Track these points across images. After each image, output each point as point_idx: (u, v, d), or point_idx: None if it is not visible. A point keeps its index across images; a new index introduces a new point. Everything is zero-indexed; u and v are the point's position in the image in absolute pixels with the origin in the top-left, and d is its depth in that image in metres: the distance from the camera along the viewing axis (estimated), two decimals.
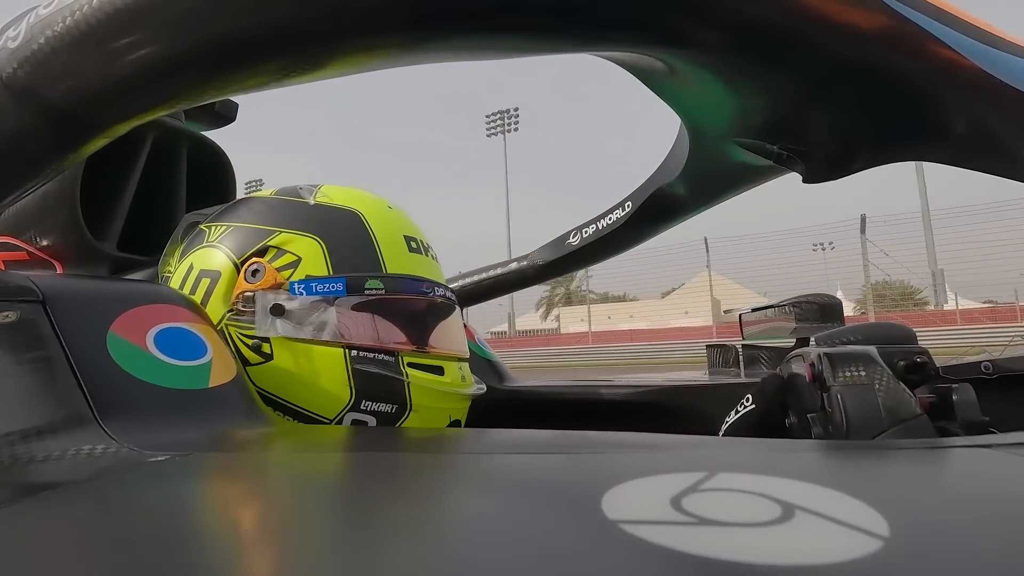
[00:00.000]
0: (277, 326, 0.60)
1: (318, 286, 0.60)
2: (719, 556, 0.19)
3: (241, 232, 0.64)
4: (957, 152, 0.46)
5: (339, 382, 0.60)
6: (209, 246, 0.64)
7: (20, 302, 0.45)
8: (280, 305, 0.60)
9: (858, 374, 0.52)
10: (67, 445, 0.38)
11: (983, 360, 0.72)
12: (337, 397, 0.60)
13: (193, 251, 0.65)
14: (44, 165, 0.45)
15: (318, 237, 0.62)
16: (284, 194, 0.68)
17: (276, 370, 0.60)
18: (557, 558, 0.20)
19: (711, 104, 0.56)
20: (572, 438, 0.41)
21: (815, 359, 0.57)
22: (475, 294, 1.29)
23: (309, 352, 0.60)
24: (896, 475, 0.30)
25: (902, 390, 0.51)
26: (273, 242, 0.62)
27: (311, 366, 0.60)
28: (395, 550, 0.22)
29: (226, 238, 0.64)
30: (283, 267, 0.61)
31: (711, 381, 1.02)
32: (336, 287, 0.61)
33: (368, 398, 0.61)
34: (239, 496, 0.32)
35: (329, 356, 0.60)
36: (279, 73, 0.38)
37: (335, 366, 0.60)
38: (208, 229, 0.66)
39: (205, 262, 0.63)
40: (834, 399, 0.52)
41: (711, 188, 0.86)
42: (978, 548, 0.20)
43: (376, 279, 0.62)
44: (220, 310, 0.61)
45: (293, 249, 0.62)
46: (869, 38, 0.38)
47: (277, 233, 0.63)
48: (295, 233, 0.63)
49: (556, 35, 0.39)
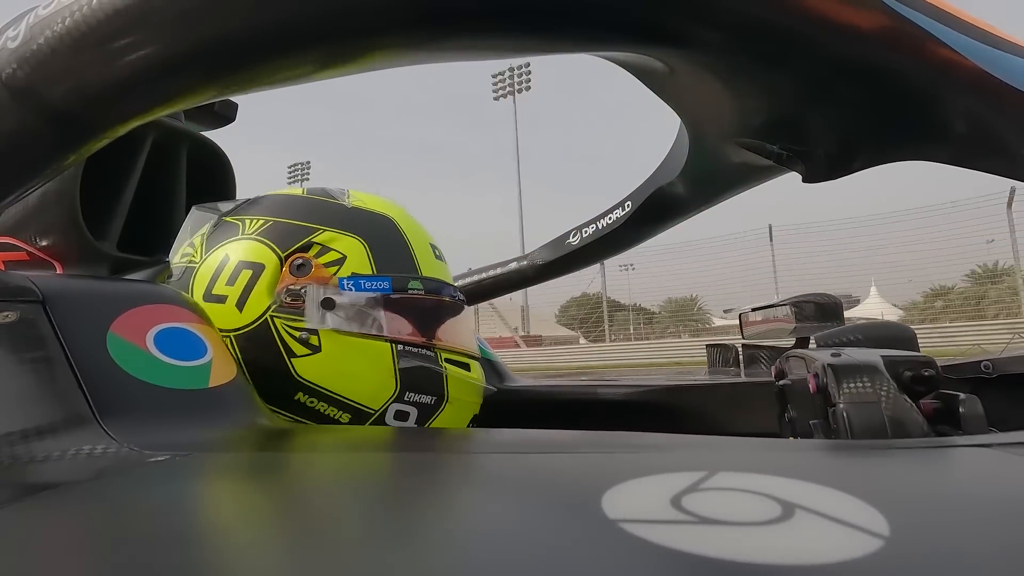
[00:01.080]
0: (327, 319, 0.62)
1: (366, 283, 0.64)
2: (719, 555, 0.19)
3: (283, 227, 0.66)
4: (957, 152, 0.46)
5: (386, 374, 0.63)
6: (248, 238, 0.65)
7: (20, 302, 0.45)
8: (331, 299, 0.62)
9: (864, 388, 0.51)
10: (67, 445, 0.38)
11: (983, 360, 0.72)
12: (383, 389, 0.63)
13: (226, 242, 0.66)
14: (44, 165, 0.45)
15: (361, 238, 0.66)
16: (318, 194, 0.70)
17: (324, 362, 0.62)
18: (557, 557, 0.20)
19: (711, 104, 0.56)
20: (572, 438, 0.41)
21: (820, 370, 0.56)
22: (475, 294, 1.29)
23: (357, 345, 0.63)
24: (896, 475, 0.30)
25: (909, 408, 0.51)
26: (318, 239, 0.65)
27: (359, 359, 0.63)
28: (395, 549, 0.22)
29: (267, 232, 0.65)
30: (328, 263, 0.64)
31: (711, 381, 1.02)
32: (383, 285, 0.64)
33: (412, 390, 0.64)
34: (239, 496, 0.32)
35: (376, 349, 0.63)
36: (279, 73, 0.38)
37: (382, 359, 0.63)
38: (242, 222, 0.67)
39: (246, 254, 0.64)
40: (840, 417, 0.51)
41: (711, 188, 0.86)
42: (978, 548, 0.20)
43: (416, 280, 0.67)
44: (264, 302, 0.62)
45: (338, 247, 0.65)
46: (869, 38, 0.38)
47: (321, 231, 0.65)
48: (339, 232, 0.65)
49: (556, 35, 0.39)
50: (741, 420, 0.92)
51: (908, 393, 0.54)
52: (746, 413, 0.92)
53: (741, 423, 0.91)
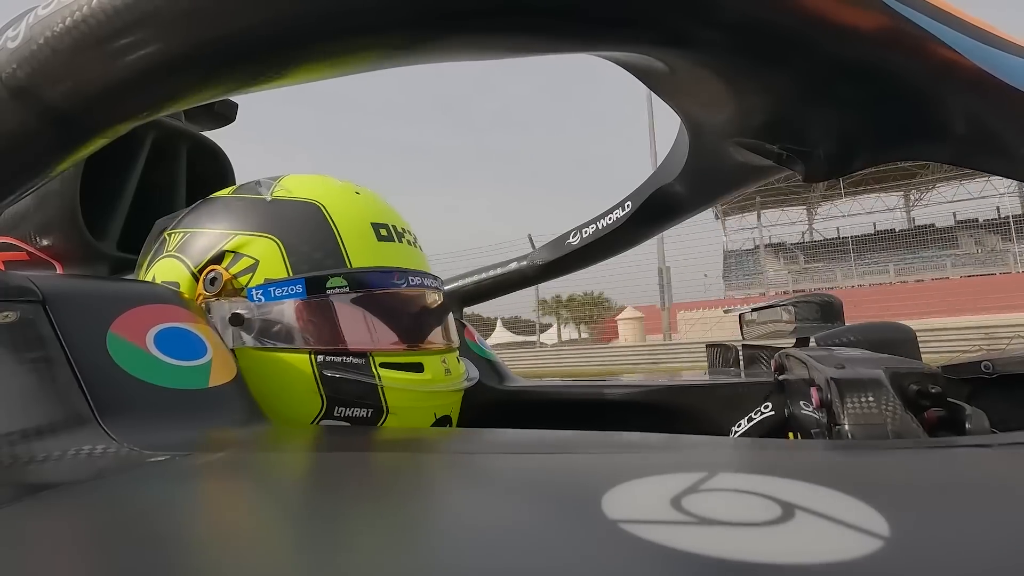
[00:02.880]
0: (237, 337, 0.57)
1: (276, 290, 0.57)
2: (719, 556, 0.19)
3: (197, 238, 0.61)
4: (957, 151, 0.46)
5: (308, 390, 0.57)
6: (168, 256, 0.63)
7: (20, 302, 0.45)
8: (239, 314, 0.57)
9: (868, 406, 0.50)
10: (67, 445, 0.38)
11: (983, 360, 0.72)
12: (308, 405, 0.57)
13: (156, 262, 0.64)
14: (44, 165, 0.45)
15: (274, 236, 0.59)
16: (243, 192, 0.65)
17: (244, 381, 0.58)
18: (557, 558, 0.20)
19: (711, 104, 0.56)
20: (572, 438, 0.41)
21: (823, 384, 0.56)
22: (475, 294, 1.29)
23: (275, 361, 0.57)
24: (896, 475, 0.30)
25: (915, 429, 0.50)
26: (229, 246, 0.59)
27: (278, 375, 0.57)
28: (395, 549, 0.22)
29: (183, 246, 0.62)
30: (241, 272, 0.59)
31: (711, 381, 1.02)
32: (295, 289, 0.57)
33: (340, 404, 0.58)
34: (239, 496, 0.32)
35: (295, 363, 0.57)
36: (280, 73, 0.38)
37: (302, 373, 0.57)
38: (168, 237, 0.64)
39: (165, 273, 0.62)
40: (844, 437, 0.51)
41: (711, 188, 0.86)
42: (978, 548, 0.20)
43: (338, 276, 0.58)
44: None
45: (250, 252, 0.59)
46: (869, 38, 0.38)
47: (233, 236, 0.60)
48: (251, 234, 0.59)
49: (556, 35, 0.39)
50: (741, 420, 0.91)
51: (912, 407, 0.53)
52: (746, 413, 0.92)
53: None
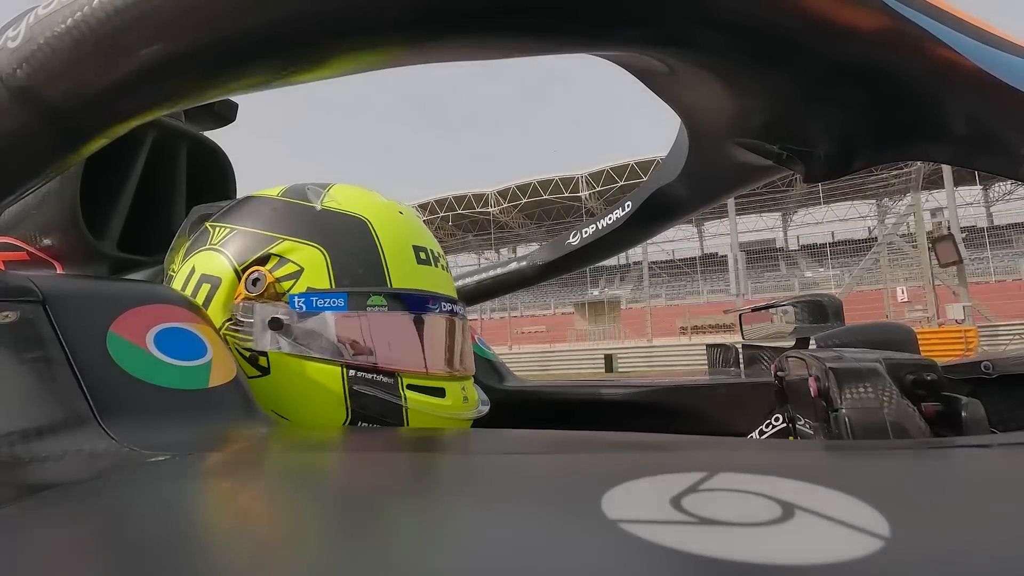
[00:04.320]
0: (275, 340, 0.58)
1: (319, 300, 0.58)
2: (719, 556, 0.19)
3: (244, 237, 0.62)
4: (957, 151, 0.46)
5: (335, 401, 0.58)
6: (212, 249, 0.63)
7: (20, 302, 0.45)
8: (279, 319, 0.58)
9: (866, 393, 0.51)
10: (67, 445, 0.38)
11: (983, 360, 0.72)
12: (333, 416, 0.58)
13: (196, 252, 0.64)
14: (44, 165, 0.45)
15: (322, 247, 0.60)
16: (291, 195, 0.65)
17: (273, 385, 0.58)
18: (557, 558, 0.20)
19: (711, 104, 0.56)
20: (572, 438, 0.41)
21: (821, 374, 0.56)
22: (475, 294, 1.29)
23: (307, 368, 0.58)
24: (896, 475, 0.30)
25: (911, 413, 0.50)
26: (276, 250, 0.60)
27: (308, 383, 0.58)
28: (395, 550, 0.22)
29: (229, 242, 0.62)
30: (285, 277, 0.59)
31: (711, 381, 1.02)
32: (337, 302, 0.58)
33: (364, 419, 0.59)
34: (239, 497, 0.32)
35: (326, 374, 0.58)
36: (280, 73, 0.38)
37: (332, 384, 0.58)
38: (212, 230, 0.65)
39: (207, 266, 0.62)
40: (841, 422, 0.51)
41: (711, 188, 0.86)
42: (978, 548, 0.20)
43: (379, 295, 0.59)
44: (220, 318, 0.60)
45: (296, 259, 0.60)
46: (869, 38, 0.38)
47: (280, 241, 0.60)
48: (298, 242, 0.60)
49: (556, 35, 0.39)
50: (741, 420, 0.92)
51: (910, 397, 0.54)
52: (746, 413, 0.92)
53: (741, 423, 0.91)
